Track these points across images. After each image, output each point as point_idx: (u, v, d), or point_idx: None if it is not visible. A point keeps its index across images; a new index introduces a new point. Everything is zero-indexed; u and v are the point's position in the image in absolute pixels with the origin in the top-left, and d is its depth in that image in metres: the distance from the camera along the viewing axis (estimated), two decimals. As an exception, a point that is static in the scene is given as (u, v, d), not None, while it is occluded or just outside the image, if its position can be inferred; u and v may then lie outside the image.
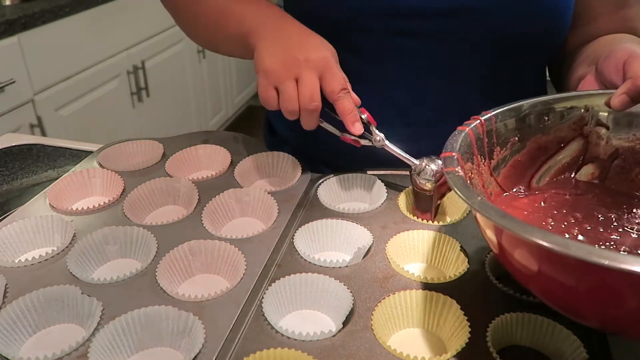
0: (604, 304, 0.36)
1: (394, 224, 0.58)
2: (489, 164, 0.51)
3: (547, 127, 0.54)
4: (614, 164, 0.54)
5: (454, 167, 0.43)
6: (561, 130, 0.54)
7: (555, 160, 0.55)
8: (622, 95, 0.50)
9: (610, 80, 0.54)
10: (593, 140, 0.54)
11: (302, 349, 0.43)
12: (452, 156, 0.45)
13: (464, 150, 0.47)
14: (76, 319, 0.48)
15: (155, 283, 0.50)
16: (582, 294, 0.37)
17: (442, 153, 0.46)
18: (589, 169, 0.55)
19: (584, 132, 0.54)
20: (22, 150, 0.82)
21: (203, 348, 0.43)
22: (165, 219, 0.60)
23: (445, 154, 0.45)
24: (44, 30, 1.55)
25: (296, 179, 0.67)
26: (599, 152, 0.55)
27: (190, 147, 0.72)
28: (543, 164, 0.55)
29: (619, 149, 0.54)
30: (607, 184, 0.55)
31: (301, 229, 0.57)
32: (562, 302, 0.40)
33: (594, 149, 0.55)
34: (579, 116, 0.54)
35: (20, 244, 0.57)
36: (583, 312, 0.39)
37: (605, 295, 0.35)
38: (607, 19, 0.69)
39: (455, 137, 0.47)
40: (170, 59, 2.20)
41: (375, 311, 0.47)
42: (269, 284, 0.50)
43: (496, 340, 0.44)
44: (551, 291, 0.40)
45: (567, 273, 0.36)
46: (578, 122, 0.54)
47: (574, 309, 0.40)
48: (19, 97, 1.50)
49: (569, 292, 0.38)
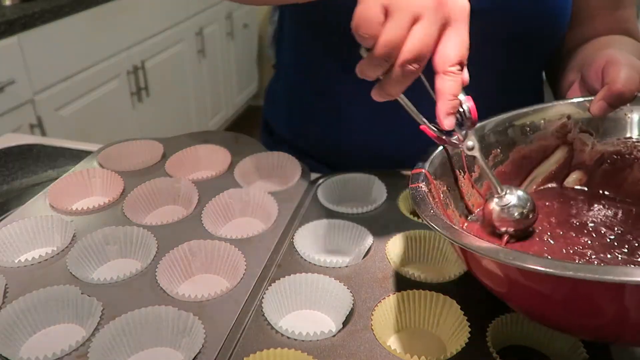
0: (582, 315, 0.36)
1: (394, 224, 0.58)
2: (469, 177, 0.51)
3: (529, 137, 0.54)
4: (600, 169, 0.54)
5: (418, 182, 0.45)
6: (545, 139, 0.55)
7: (541, 169, 0.56)
8: (600, 101, 0.51)
9: (592, 87, 0.54)
10: (578, 147, 0.55)
11: (302, 349, 0.43)
12: (421, 173, 0.46)
13: (439, 164, 0.48)
14: (76, 319, 0.48)
15: (155, 283, 0.50)
16: (557, 306, 0.37)
17: (412, 170, 0.46)
18: (576, 175, 0.56)
19: (568, 139, 0.55)
20: (22, 150, 0.82)
21: (203, 348, 0.43)
22: (165, 219, 0.60)
23: (414, 171, 0.46)
24: (44, 30, 1.55)
25: (296, 179, 0.67)
26: (585, 158, 0.55)
27: (190, 147, 0.72)
28: (529, 173, 0.56)
29: (605, 153, 0.54)
30: (594, 189, 0.55)
31: (301, 229, 0.57)
32: (538, 316, 0.40)
33: (579, 155, 0.55)
34: (561, 124, 0.54)
35: (20, 244, 0.57)
36: (564, 324, 0.39)
37: (581, 306, 0.35)
38: (603, 20, 0.69)
39: (428, 154, 0.48)
40: (170, 59, 2.20)
41: (375, 311, 0.47)
42: (269, 284, 0.50)
43: (496, 340, 0.44)
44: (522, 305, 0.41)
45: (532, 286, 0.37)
46: (560, 129, 0.54)
47: (554, 322, 0.40)
48: (19, 97, 1.50)
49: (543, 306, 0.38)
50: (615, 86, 0.49)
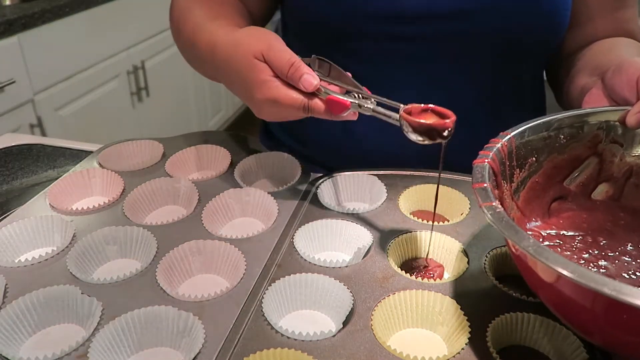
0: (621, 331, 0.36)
1: (394, 224, 0.58)
2: (510, 188, 0.49)
3: (562, 146, 0.52)
4: (628, 181, 0.53)
5: (490, 201, 0.40)
6: (576, 149, 0.53)
7: (570, 180, 0.54)
8: (638, 113, 0.49)
9: (623, 97, 0.53)
10: (607, 158, 0.53)
11: (302, 349, 0.43)
12: (486, 187, 0.41)
13: (492, 177, 0.44)
14: (76, 319, 0.48)
15: (155, 283, 0.50)
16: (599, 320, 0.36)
17: (473, 184, 0.43)
18: (604, 187, 0.54)
19: (597, 150, 0.53)
20: (22, 150, 0.82)
21: (203, 348, 0.43)
22: (165, 219, 0.60)
23: (477, 185, 0.42)
24: (44, 30, 1.55)
25: (296, 179, 0.67)
26: (613, 170, 0.53)
27: (190, 147, 0.72)
28: (560, 184, 0.54)
29: (633, 166, 0.53)
30: (622, 202, 0.53)
31: (301, 229, 0.57)
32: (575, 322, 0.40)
33: (608, 166, 0.53)
34: (594, 134, 0.52)
35: (20, 244, 0.57)
36: (596, 334, 0.39)
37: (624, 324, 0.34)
38: (603, 20, 0.69)
39: (482, 165, 0.44)
40: (170, 59, 2.19)
41: (375, 311, 0.47)
42: (269, 284, 0.50)
43: (496, 340, 0.44)
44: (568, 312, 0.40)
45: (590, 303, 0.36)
46: (592, 139, 0.53)
47: (587, 330, 0.39)
48: (19, 97, 1.50)
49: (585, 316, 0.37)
50: None
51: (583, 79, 0.63)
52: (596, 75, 0.59)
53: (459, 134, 0.69)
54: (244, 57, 0.54)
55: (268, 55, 0.53)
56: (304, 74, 0.52)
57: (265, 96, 0.53)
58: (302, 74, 0.52)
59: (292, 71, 0.52)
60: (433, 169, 0.66)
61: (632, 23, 0.70)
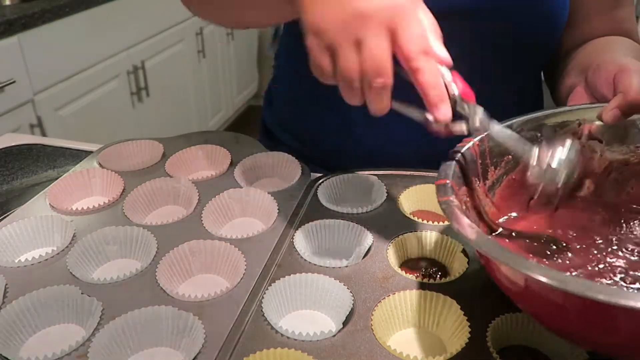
0: (598, 333, 0.36)
1: (394, 224, 0.58)
2: (483, 186, 0.50)
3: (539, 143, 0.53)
4: (609, 177, 0.54)
5: (448, 196, 0.42)
6: None
7: None
8: (614, 109, 0.50)
9: (602, 94, 0.54)
10: (587, 155, 0.54)
11: (302, 349, 0.43)
12: (446, 184, 0.44)
13: (457, 175, 0.46)
14: (76, 319, 0.48)
15: (155, 283, 0.50)
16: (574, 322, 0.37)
17: (436, 181, 0.44)
18: (585, 183, 0.55)
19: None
20: (22, 150, 0.82)
21: (203, 348, 0.43)
22: (165, 219, 0.60)
23: (439, 182, 0.44)
24: (44, 30, 1.55)
25: (296, 179, 0.67)
26: (594, 167, 0.54)
27: (190, 147, 0.72)
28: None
29: (613, 162, 0.53)
30: (604, 198, 0.54)
31: (301, 229, 0.57)
32: (553, 327, 0.40)
33: (588, 163, 0.54)
34: (572, 130, 0.53)
35: (20, 244, 0.57)
36: (575, 338, 0.39)
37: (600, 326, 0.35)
38: (600, 19, 0.69)
39: (448, 164, 0.46)
40: (170, 59, 2.20)
41: (375, 311, 0.47)
42: (269, 284, 0.50)
43: (496, 340, 0.44)
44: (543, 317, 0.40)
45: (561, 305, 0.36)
46: (572, 136, 0.53)
47: (567, 334, 0.40)
48: (19, 97, 1.50)
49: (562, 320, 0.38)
50: (630, 95, 0.49)
51: (572, 78, 0.64)
52: (583, 74, 0.60)
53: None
54: None
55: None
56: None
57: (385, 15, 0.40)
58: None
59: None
60: (433, 169, 0.66)
61: (629, 22, 0.70)
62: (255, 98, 3.12)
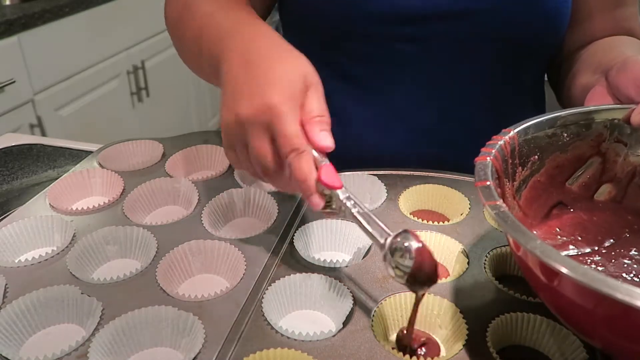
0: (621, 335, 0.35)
1: (394, 224, 0.58)
2: (512, 187, 0.48)
3: (565, 144, 0.51)
4: (632, 182, 0.52)
5: (495, 200, 0.38)
6: (579, 148, 0.51)
7: (573, 180, 0.53)
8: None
9: (627, 95, 0.51)
10: (610, 158, 0.52)
11: (302, 349, 0.43)
12: (489, 186, 0.40)
13: (495, 175, 0.42)
14: (76, 319, 0.48)
15: (155, 283, 0.50)
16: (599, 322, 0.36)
17: (476, 182, 0.41)
18: (606, 187, 0.53)
19: (601, 149, 0.52)
20: (22, 150, 0.82)
21: (203, 348, 0.43)
22: (165, 219, 0.60)
23: (480, 183, 0.40)
24: (44, 30, 1.55)
25: (296, 179, 0.67)
26: (617, 170, 0.52)
27: (190, 147, 0.72)
28: (562, 185, 0.52)
29: (637, 166, 0.51)
30: (625, 203, 0.52)
31: (301, 229, 0.57)
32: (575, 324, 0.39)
33: (611, 166, 0.52)
34: (598, 132, 0.51)
35: (20, 244, 0.57)
36: (595, 336, 0.38)
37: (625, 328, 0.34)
38: (603, 18, 0.68)
39: (485, 163, 0.42)
40: (170, 59, 2.19)
41: (375, 311, 0.47)
42: (269, 284, 0.50)
43: (496, 340, 0.44)
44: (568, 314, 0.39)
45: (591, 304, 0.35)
46: (596, 138, 0.51)
47: (587, 333, 0.39)
48: (19, 97, 1.50)
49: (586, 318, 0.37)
50: None
51: (585, 77, 0.63)
52: (599, 73, 0.58)
53: (459, 135, 0.69)
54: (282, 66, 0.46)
55: (312, 88, 0.46)
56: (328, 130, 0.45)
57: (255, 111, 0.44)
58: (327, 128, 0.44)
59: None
60: (433, 169, 0.66)
61: (632, 21, 0.69)
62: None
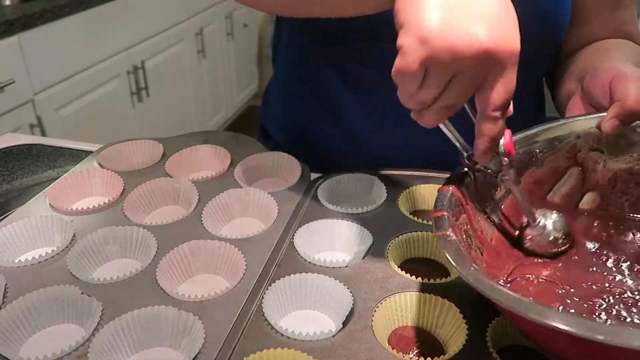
0: None
1: (394, 224, 0.58)
2: (483, 209, 0.48)
3: (539, 160, 0.51)
4: (615, 188, 0.52)
5: (445, 230, 0.40)
6: (555, 161, 0.52)
7: (554, 193, 0.53)
8: (612, 119, 0.49)
9: (597, 102, 0.52)
10: (589, 167, 0.52)
11: (302, 349, 0.43)
12: (443, 216, 0.41)
13: (455, 204, 0.44)
14: (76, 319, 0.48)
15: (155, 283, 0.50)
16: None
17: (433, 212, 0.43)
18: (590, 196, 0.53)
19: (578, 159, 0.52)
20: (22, 150, 0.82)
21: (203, 348, 0.43)
22: (165, 219, 0.60)
23: (436, 214, 0.42)
24: (44, 30, 1.55)
25: (296, 179, 0.67)
26: (598, 178, 0.52)
27: (190, 147, 0.72)
28: (543, 199, 0.52)
29: (617, 172, 0.52)
30: (610, 209, 0.52)
31: (301, 229, 0.57)
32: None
33: (591, 175, 0.52)
34: (571, 144, 0.51)
35: (20, 244, 0.57)
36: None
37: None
38: (601, 21, 0.67)
39: (444, 193, 0.44)
40: (170, 59, 2.20)
41: (375, 311, 0.47)
42: (269, 284, 0.50)
43: (496, 340, 0.44)
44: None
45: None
46: (571, 149, 0.52)
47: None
48: (19, 97, 1.50)
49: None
50: (628, 103, 0.48)
51: (570, 83, 0.63)
52: (580, 81, 0.58)
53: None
54: None
55: None
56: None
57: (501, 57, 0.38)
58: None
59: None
60: (433, 169, 0.66)
61: (631, 24, 0.68)
62: (255, 98, 3.12)
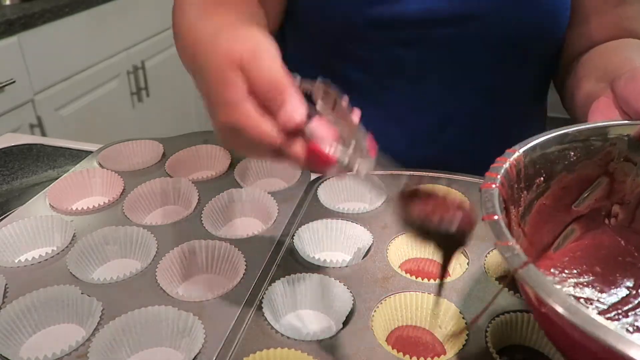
0: None
1: (394, 224, 0.58)
2: (517, 213, 0.42)
3: (571, 164, 0.46)
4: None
5: (507, 240, 0.32)
6: (586, 167, 0.46)
7: (580, 201, 0.48)
8: None
9: (636, 110, 0.46)
10: (619, 178, 0.47)
11: (302, 349, 0.43)
12: (498, 221, 0.34)
13: (502, 205, 0.37)
14: (76, 319, 0.48)
15: (155, 283, 0.50)
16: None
17: (483, 216, 0.35)
18: (614, 210, 0.49)
19: (608, 168, 0.47)
20: (22, 150, 0.82)
21: (203, 348, 0.43)
22: (165, 219, 0.60)
23: (487, 217, 0.35)
24: (44, 30, 1.55)
25: (296, 179, 0.67)
26: (625, 191, 0.48)
27: (190, 147, 0.72)
28: (568, 208, 0.47)
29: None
30: (634, 226, 0.48)
31: (301, 229, 0.57)
32: None
33: (619, 187, 0.48)
34: (606, 151, 0.46)
35: (20, 244, 0.57)
36: None
37: None
38: (604, 18, 0.65)
39: (491, 191, 0.37)
40: (170, 59, 2.19)
41: (375, 311, 0.47)
42: (269, 284, 0.50)
43: (496, 340, 0.44)
44: None
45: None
46: (604, 157, 0.46)
47: None
48: (19, 97, 1.50)
49: None
50: None
51: (589, 84, 0.59)
52: (604, 81, 0.54)
53: (459, 139, 0.69)
54: (217, 64, 0.39)
55: (249, 65, 0.37)
56: (287, 100, 0.36)
57: (225, 120, 0.38)
58: (285, 99, 0.36)
59: (273, 92, 0.36)
60: (433, 169, 0.66)
61: (636, 21, 0.65)
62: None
